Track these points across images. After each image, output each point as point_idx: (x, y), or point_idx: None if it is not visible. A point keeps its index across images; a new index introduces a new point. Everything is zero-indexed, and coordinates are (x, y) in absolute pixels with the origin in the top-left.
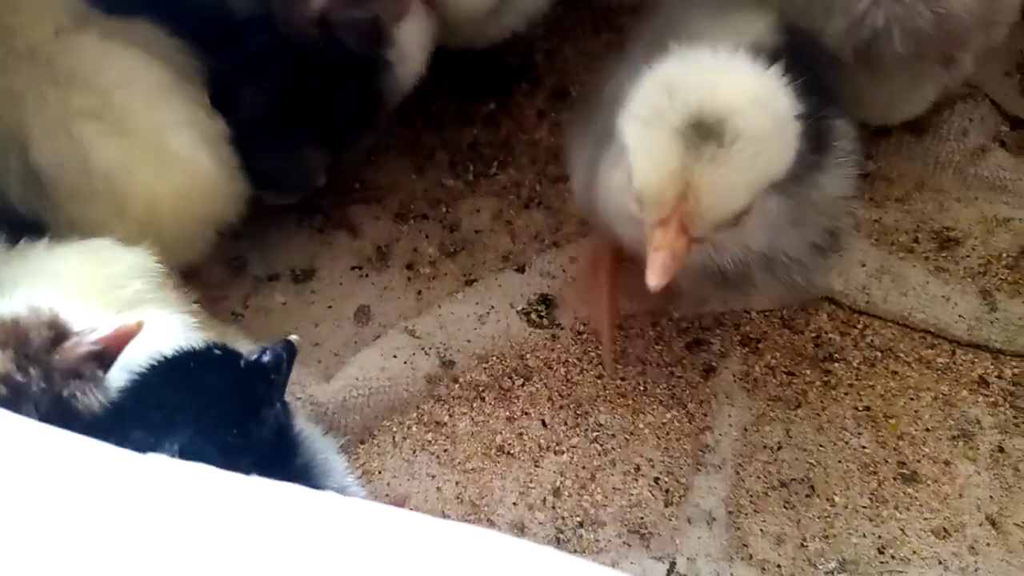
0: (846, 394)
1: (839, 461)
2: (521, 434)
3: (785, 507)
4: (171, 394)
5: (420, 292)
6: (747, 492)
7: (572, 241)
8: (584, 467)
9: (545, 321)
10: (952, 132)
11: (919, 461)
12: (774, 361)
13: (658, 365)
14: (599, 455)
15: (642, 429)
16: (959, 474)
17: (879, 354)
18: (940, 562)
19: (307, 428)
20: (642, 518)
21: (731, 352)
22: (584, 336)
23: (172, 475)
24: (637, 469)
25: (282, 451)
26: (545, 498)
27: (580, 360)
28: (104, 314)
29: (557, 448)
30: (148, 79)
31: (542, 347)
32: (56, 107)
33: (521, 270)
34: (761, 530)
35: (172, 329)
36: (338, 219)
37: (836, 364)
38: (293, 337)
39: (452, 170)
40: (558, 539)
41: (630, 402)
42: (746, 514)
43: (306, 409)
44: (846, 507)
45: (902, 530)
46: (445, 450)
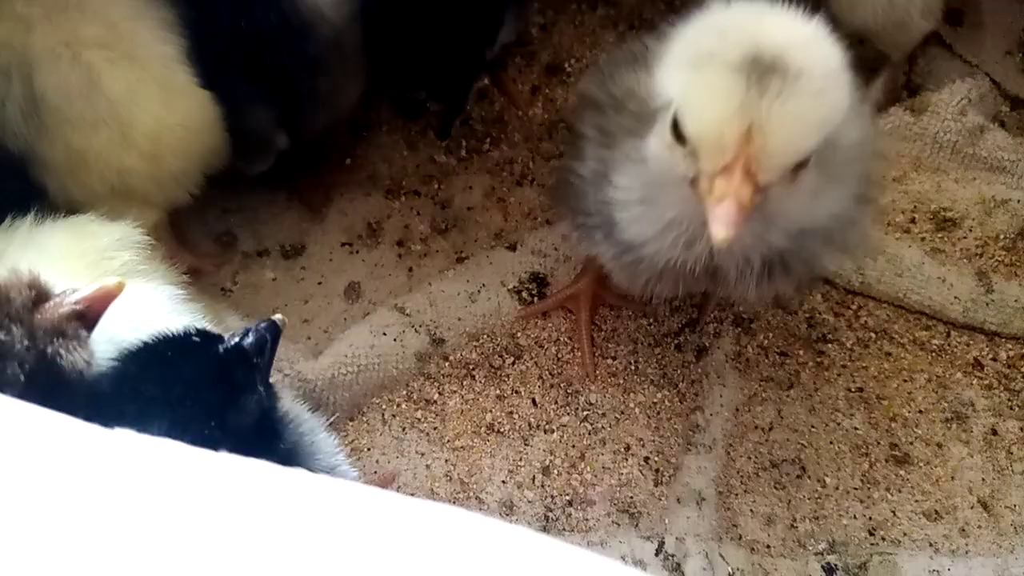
0: (839, 375)
1: (831, 442)
2: (511, 412)
3: (776, 488)
4: (147, 384)
5: (411, 269)
6: (737, 472)
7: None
8: (574, 446)
9: (536, 299)
10: (950, 111)
11: (911, 443)
12: (767, 341)
13: (649, 345)
14: (589, 434)
15: (632, 408)
16: (951, 456)
17: (873, 335)
18: (931, 544)
19: (294, 409)
20: (631, 497)
21: (724, 332)
22: (575, 315)
23: (138, 449)
24: (627, 448)
25: (265, 437)
26: (534, 476)
27: (571, 339)
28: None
29: (547, 427)
30: (155, 13)
31: (533, 326)
32: (66, 34)
33: (513, 248)
34: (751, 510)
35: (160, 301)
36: (312, 197)
37: (829, 345)
38: (277, 316)
39: (444, 146)
40: (547, 518)
41: (621, 381)
42: (736, 494)
43: (294, 386)
44: (837, 488)
45: (893, 512)
46: (435, 428)
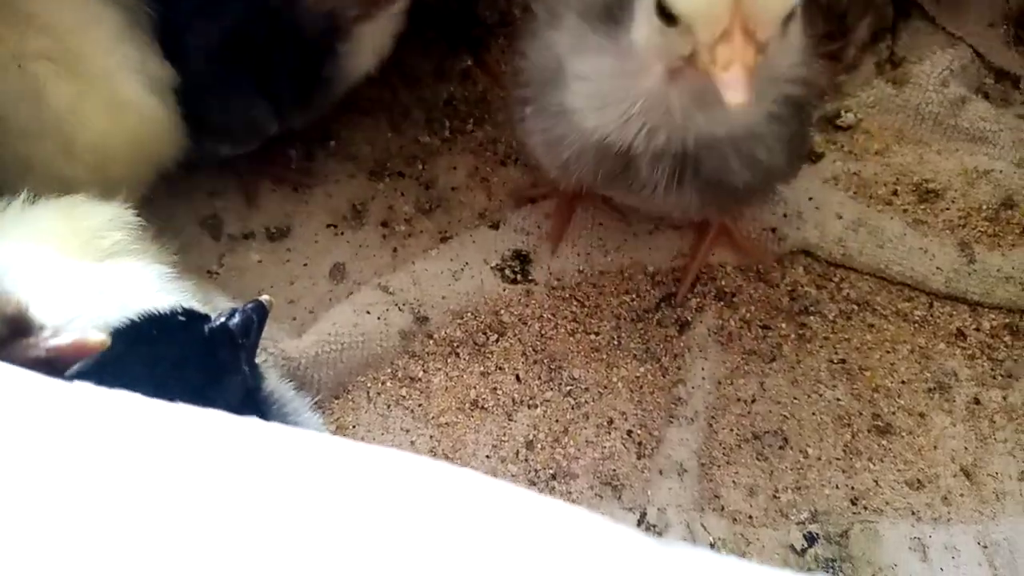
0: (821, 347)
1: (813, 414)
2: (495, 389)
3: (758, 459)
4: (131, 363)
5: (396, 250)
6: (720, 444)
7: (548, 198)
8: (557, 420)
9: (519, 277)
10: (932, 83)
11: (894, 413)
12: (749, 315)
13: (632, 320)
14: (572, 409)
15: (615, 383)
16: (934, 426)
17: (855, 307)
18: (913, 512)
19: (279, 388)
20: (614, 470)
21: (706, 306)
22: (558, 292)
23: (98, 401)
24: (610, 422)
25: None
26: (518, 451)
27: (554, 316)
28: (85, 264)
29: (531, 402)
30: (102, 25)
31: (516, 303)
32: (13, 45)
33: (496, 227)
34: (733, 482)
35: (150, 280)
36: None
37: (812, 317)
38: (264, 297)
39: (428, 127)
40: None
41: (604, 356)
42: (718, 466)
43: (278, 365)
44: (819, 459)
45: (875, 481)
46: (419, 405)
